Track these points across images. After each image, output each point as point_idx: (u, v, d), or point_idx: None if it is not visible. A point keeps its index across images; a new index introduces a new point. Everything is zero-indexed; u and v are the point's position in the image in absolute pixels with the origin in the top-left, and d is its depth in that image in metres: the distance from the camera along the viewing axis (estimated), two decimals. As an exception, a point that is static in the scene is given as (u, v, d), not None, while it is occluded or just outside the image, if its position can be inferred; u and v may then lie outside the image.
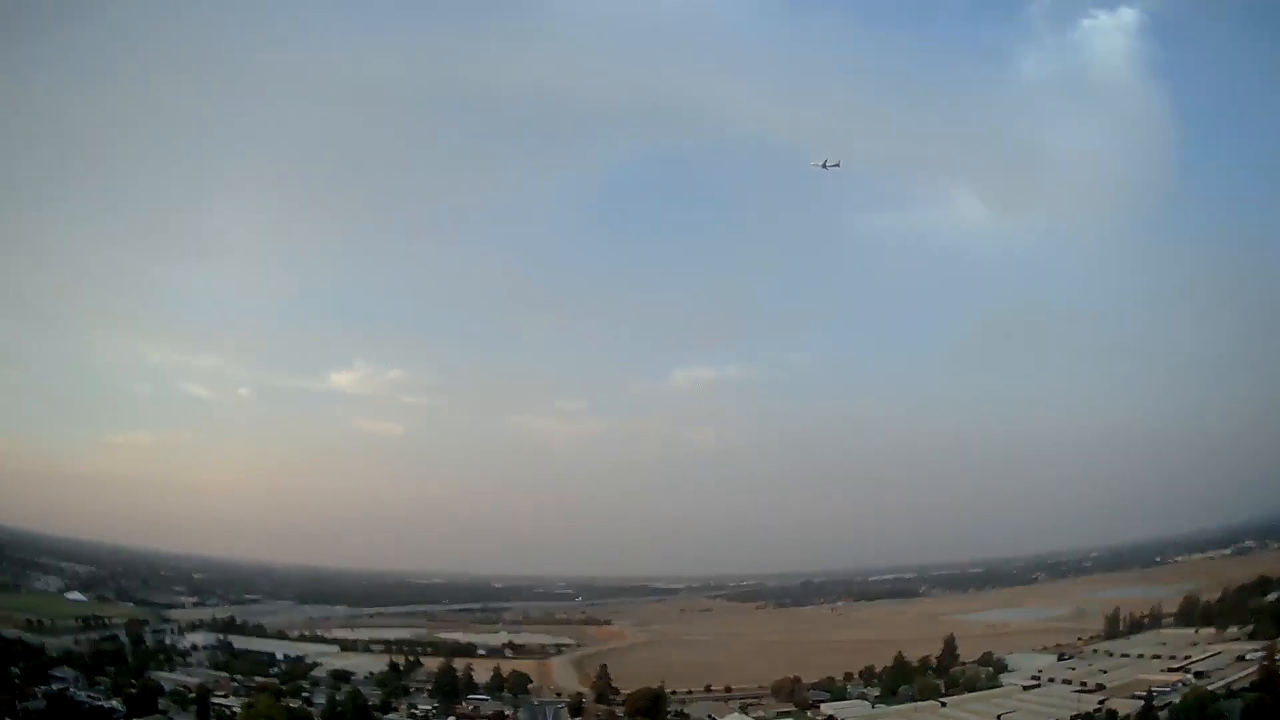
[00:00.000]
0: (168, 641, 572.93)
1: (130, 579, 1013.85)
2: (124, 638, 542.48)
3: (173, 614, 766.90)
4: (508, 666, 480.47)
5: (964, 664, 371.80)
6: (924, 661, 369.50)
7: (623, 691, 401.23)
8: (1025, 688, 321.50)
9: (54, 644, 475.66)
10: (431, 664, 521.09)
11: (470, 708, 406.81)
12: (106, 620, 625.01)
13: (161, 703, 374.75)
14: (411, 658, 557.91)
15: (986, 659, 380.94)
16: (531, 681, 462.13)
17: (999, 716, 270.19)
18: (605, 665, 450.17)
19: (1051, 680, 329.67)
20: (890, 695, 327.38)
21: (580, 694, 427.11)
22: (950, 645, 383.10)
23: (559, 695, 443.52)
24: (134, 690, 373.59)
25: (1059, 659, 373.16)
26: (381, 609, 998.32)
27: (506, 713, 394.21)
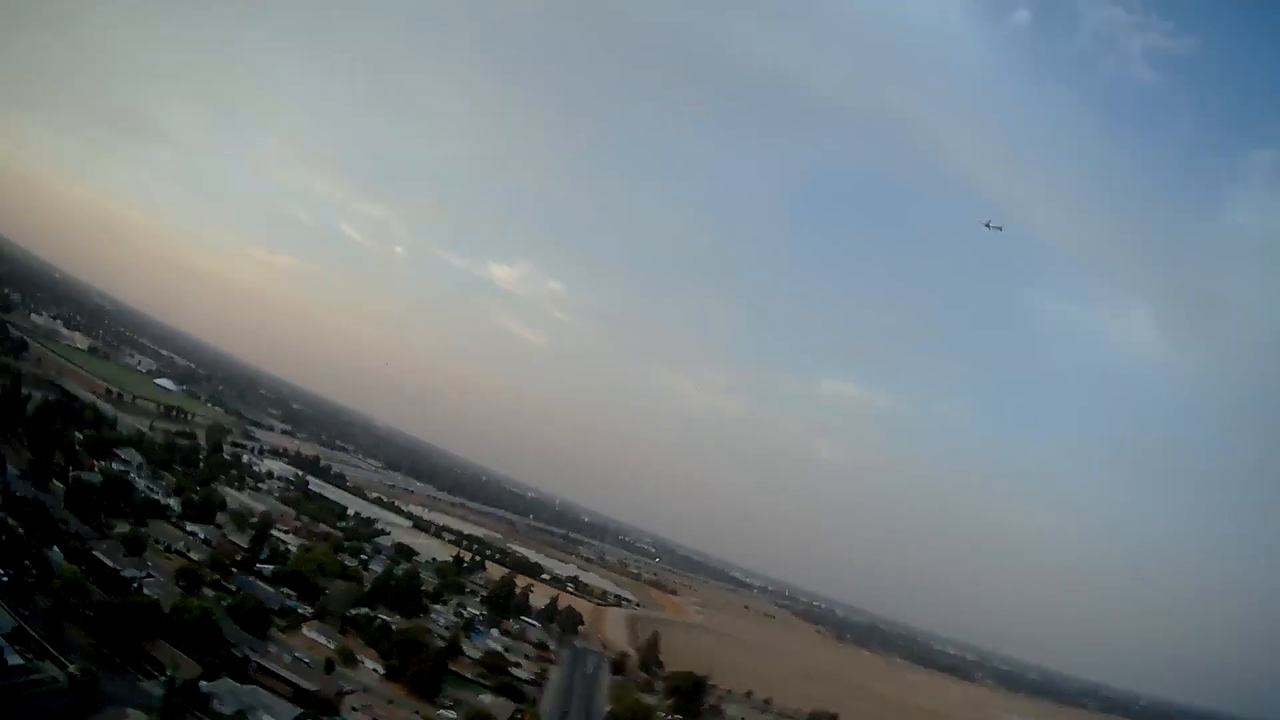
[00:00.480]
0: (245, 460, 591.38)
1: (228, 386, 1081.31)
2: (202, 440, 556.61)
3: (259, 433, 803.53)
4: (566, 600, 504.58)
5: None
6: None
7: (667, 667, 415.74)
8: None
9: (127, 422, 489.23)
10: (495, 571, 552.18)
11: (516, 628, 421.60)
12: (189, 416, 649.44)
13: (219, 517, 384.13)
14: (478, 558, 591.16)
15: None
16: (583, 623, 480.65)
17: None
18: (657, 634, 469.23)
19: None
20: None
21: (625, 653, 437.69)
22: None
23: (604, 647, 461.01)
24: (195, 496, 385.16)
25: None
26: (466, 501, 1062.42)
27: (549, 645, 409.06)
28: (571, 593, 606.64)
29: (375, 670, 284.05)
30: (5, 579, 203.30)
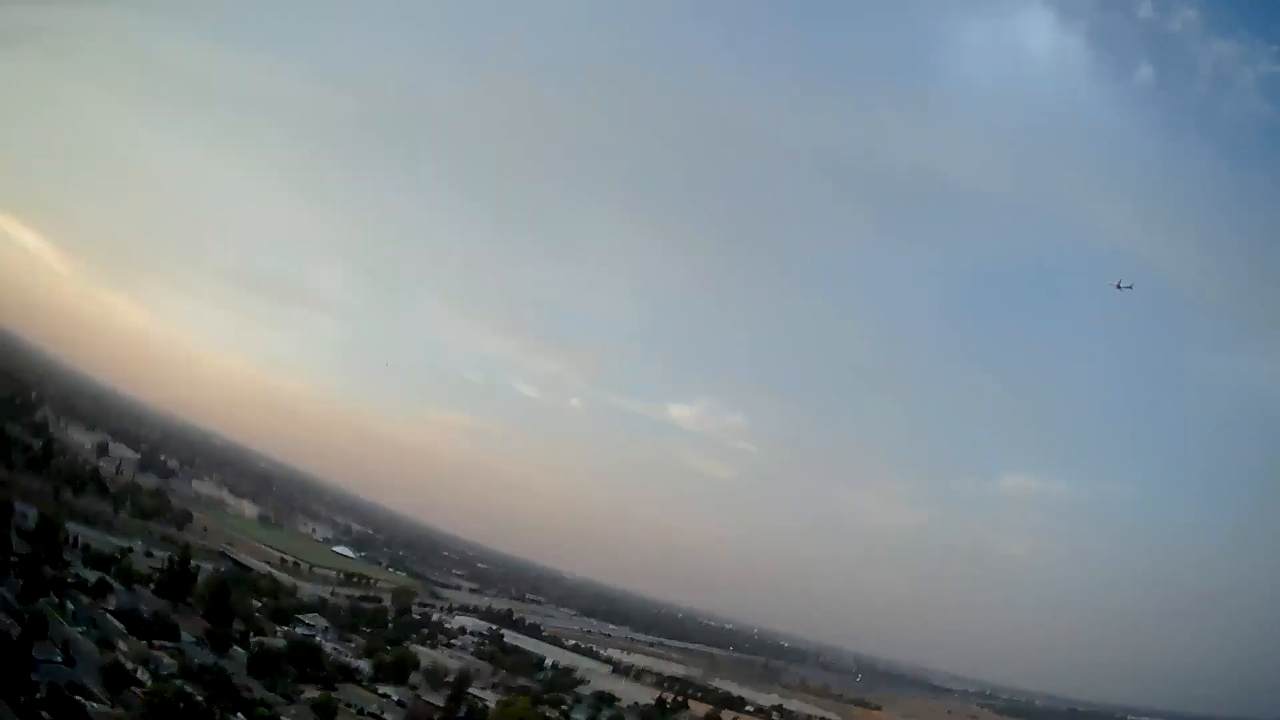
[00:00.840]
0: (434, 618, 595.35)
1: (408, 550, 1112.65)
2: (388, 603, 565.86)
3: (446, 594, 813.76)
4: None
5: None
6: None
7: None
8: None
9: (309, 589, 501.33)
10: (698, 709, 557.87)
11: None
12: (372, 582, 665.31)
13: (413, 677, 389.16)
14: (680, 697, 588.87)
15: None
16: None
17: None
18: None
19: None
20: None
21: None
22: None
23: None
24: (388, 657, 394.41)
25: None
26: (664, 640, 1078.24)
27: None
28: None
29: None
30: None
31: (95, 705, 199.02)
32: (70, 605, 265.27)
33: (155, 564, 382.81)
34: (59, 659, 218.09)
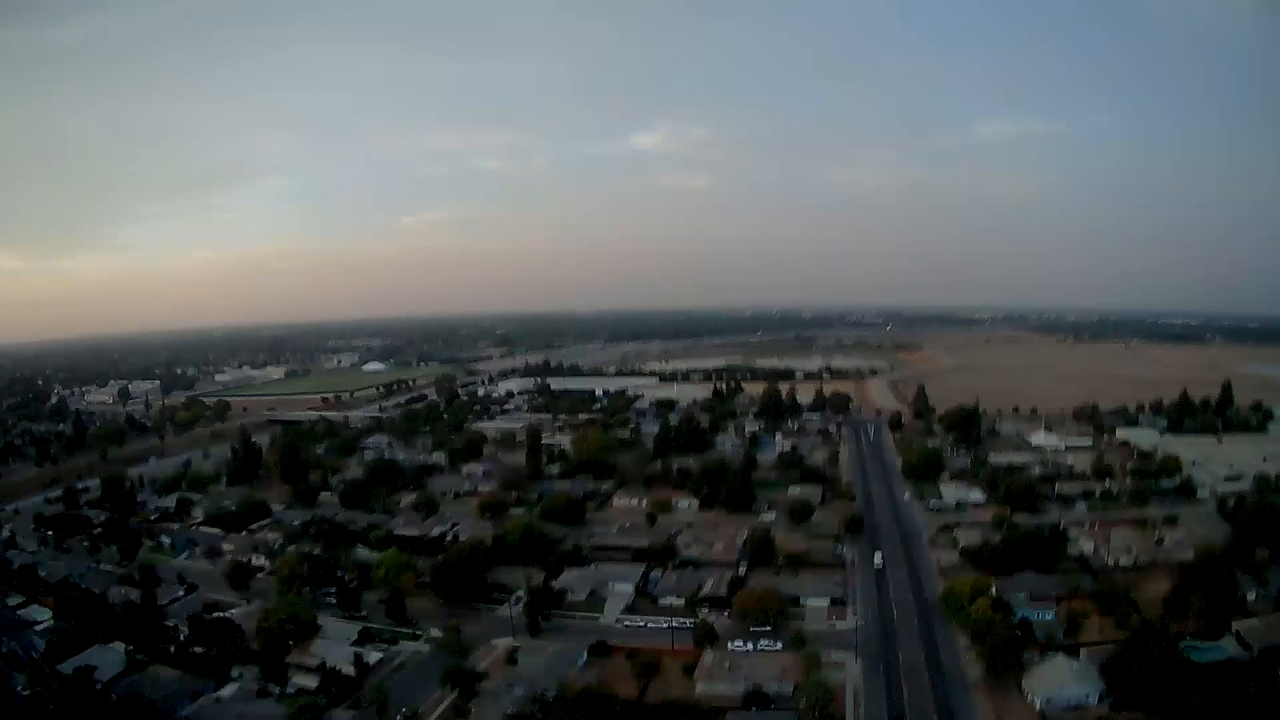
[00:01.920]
0: (480, 393, 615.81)
1: (430, 343, 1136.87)
2: (434, 395, 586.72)
3: (479, 366, 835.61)
4: (827, 389, 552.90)
5: (1238, 407, 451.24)
6: (1204, 401, 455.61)
7: (937, 410, 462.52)
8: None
9: (358, 415, 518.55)
10: (753, 389, 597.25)
11: (795, 427, 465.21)
12: (410, 383, 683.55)
13: (486, 449, 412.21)
14: (732, 383, 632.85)
15: (1258, 406, 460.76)
16: (851, 401, 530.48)
17: (1264, 457, 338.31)
18: (922, 385, 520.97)
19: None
20: (1176, 427, 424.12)
21: (898, 411, 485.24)
22: (1227, 390, 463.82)
23: (878, 413, 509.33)
24: (457, 442, 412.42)
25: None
26: (695, 340, 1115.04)
27: (830, 430, 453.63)
28: (829, 380, 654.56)
29: (690, 506, 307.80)
30: (334, 595, 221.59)
31: (234, 611, 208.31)
32: (165, 539, 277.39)
33: (216, 462, 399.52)
34: (181, 592, 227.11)
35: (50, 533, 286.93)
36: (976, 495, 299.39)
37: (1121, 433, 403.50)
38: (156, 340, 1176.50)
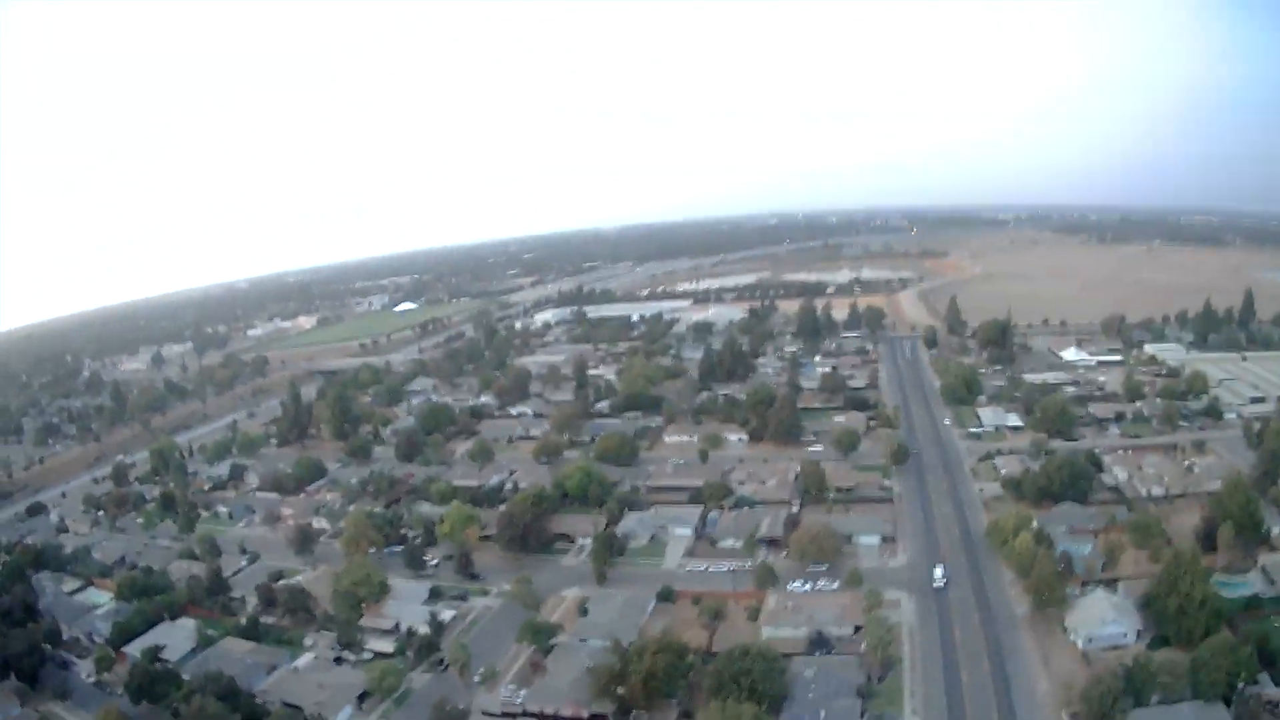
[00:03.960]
0: (518, 325, 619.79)
1: (459, 275, 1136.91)
2: (471, 331, 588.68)
3: (512, 298, 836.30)
4: (860, 303, 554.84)
5: (1261, 321, 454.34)
6: (1228, 312, 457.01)
7: (970, 324, 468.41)
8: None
9: (399, 358, 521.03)
10: (786, 306, 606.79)
11: (834, 346, 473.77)
12: (446, 321, 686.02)
13: (533, 386, 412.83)
14: (766, 301, 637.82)
15: (1279, 320, 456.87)
16: (885, 316, 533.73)
17: None
18: (954, 298, 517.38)
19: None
20: (1201, 341, 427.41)
21: (931, 326, 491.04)
22: (1249, 301, 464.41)
23: (912, 329, 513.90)
24: (504, 381, 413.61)
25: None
26: (725, 255, 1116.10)
27: (868, 348, 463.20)
28: (859, 293, 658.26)
29: (740, 440, 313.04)
30: (401, 549, 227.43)
31: (300, 577, 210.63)
32: (222, 509, 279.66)
33: (263, 421, 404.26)
34: (244, 562, 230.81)
35: (101, 512, 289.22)
36: (1014, 419, 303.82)
37: (1149, 348, 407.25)
38: (182, 300, 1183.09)
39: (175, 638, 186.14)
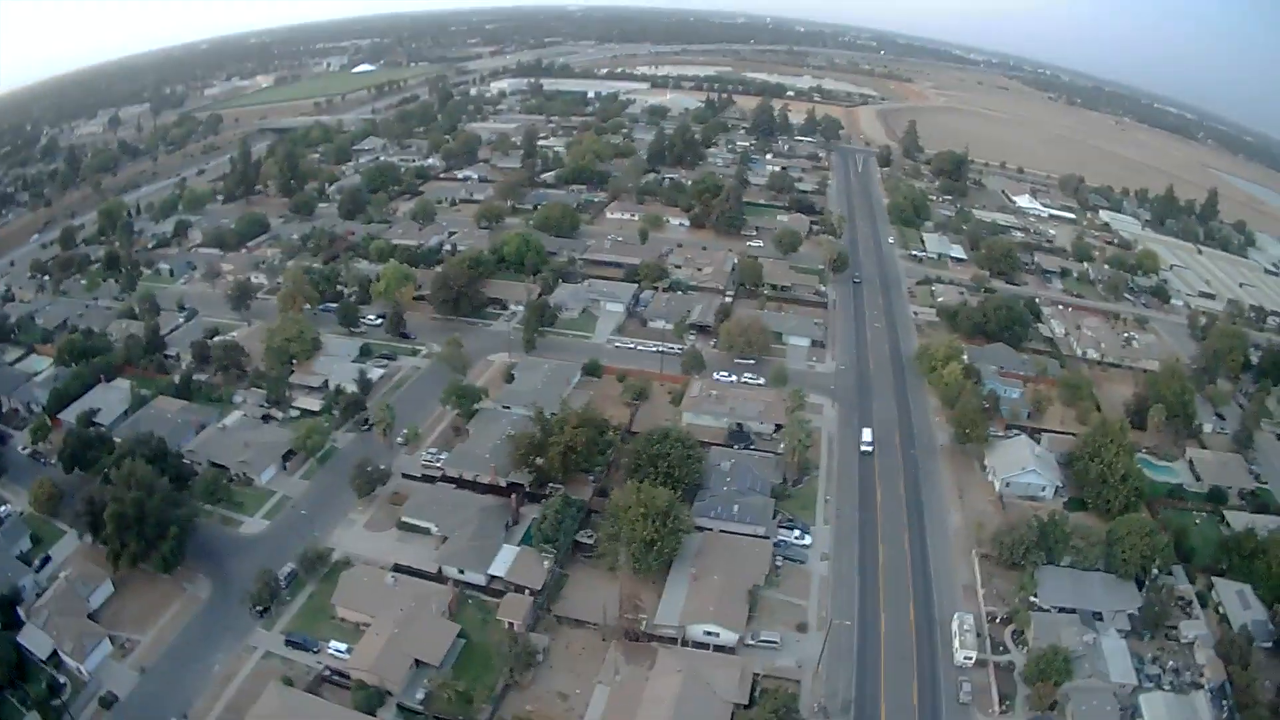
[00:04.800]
0: (473, 93, 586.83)
1: (419, 40, 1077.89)
2: (426, 94, 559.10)
3: (470, 66, 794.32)
4: (818, 112, 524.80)
5: (1221, 222, 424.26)
6: (1189, 204, 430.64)
7: (926, 151, 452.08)
8: (1267, 270, 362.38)
9: (350, 117, 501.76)
10: (744, 102, 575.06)
11: (786, 148, 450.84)
12: (402, 84, 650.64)
13: (480, 151, 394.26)
14: (723, 94, 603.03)
15: (1240, 226, 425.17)
16: (842, 127, 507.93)
17: (1240, 282, 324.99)
18: (914, 122, 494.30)
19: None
20: (1158, 224, 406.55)
21: (887, 146, 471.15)
22: (1213, 198, 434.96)
23: (867, 144, 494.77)
24: (452, 144, 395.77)
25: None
26: (686, 46, 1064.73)
27: (819, 155, 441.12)
28: (819, 101, 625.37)
29: (681, 225, 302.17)
30: (336, 306, 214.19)
31: (235, 334, 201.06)
32: (164, 266, 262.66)
33: (211, 180, 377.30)
34: (181, 319, 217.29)
35: (47, 277, 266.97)
36: (958, 251, 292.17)
37: (1104, 215, 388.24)
38: (143, 62, 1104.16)
39: (110, 400, 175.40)
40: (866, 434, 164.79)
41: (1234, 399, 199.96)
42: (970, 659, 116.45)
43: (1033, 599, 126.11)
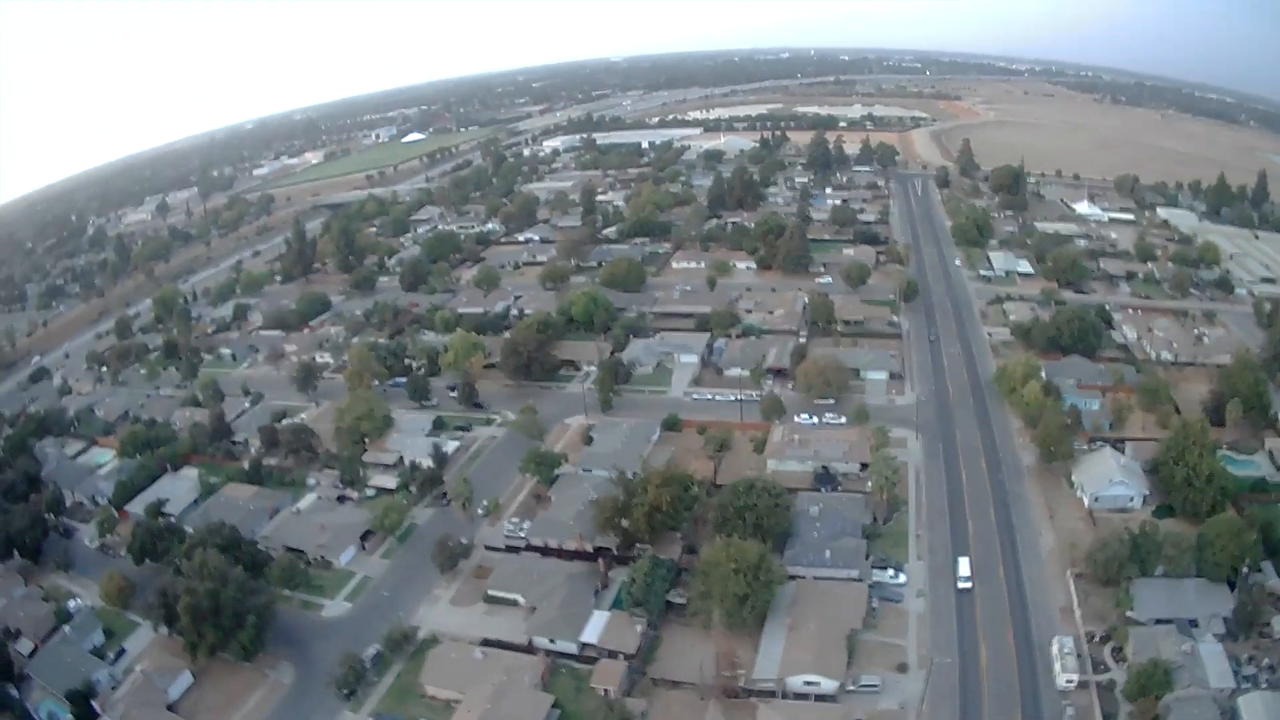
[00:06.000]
0: (526, 153, 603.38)
1: (468, 104, 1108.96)
2: (479, 160, 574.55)
3: (521, 126, 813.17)
4: (872, 139, 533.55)
5: (1273, 203, 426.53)
6: (1241, 190, 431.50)
7: (983, 167, 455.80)
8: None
9: (405, 190, 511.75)
10: (798, 138, 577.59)
11: (845, 180, 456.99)
12: (453, 150, 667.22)
13: (540, 212, 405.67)
14: (777, 132, 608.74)
15: None
16: (897, 153, 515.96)
17: None
18: (968, 140, 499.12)
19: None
20: (1214, 214, 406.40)
21: (944, 167, 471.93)
22: (1263, 181, 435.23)
23: (924, 167, 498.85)
24: (511, 208, 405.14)
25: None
26: (735, 86, 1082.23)
27: (879, 183, 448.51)
28: (872, 129, 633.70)
29: (748, 268, 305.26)
30: (405, 381, 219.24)
31: (304, 415, 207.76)
32: (225, 351, 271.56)
33: (267, 260, 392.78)
34: (247, 404, 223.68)
35: (104, 368, 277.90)
36: (1025, 266, 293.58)
37: (1162, 212, 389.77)
38: (187, 146, 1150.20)
39: (178, 490, 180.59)
40: (964, 566, 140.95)
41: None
42: (1072, 682, 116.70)
43: (1129, 614, 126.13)
